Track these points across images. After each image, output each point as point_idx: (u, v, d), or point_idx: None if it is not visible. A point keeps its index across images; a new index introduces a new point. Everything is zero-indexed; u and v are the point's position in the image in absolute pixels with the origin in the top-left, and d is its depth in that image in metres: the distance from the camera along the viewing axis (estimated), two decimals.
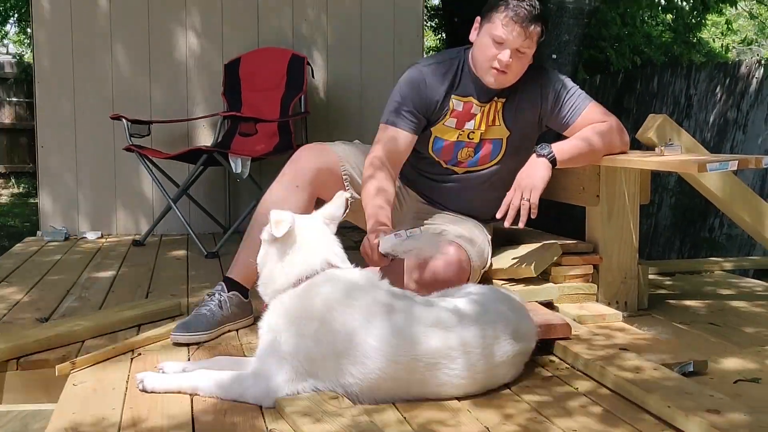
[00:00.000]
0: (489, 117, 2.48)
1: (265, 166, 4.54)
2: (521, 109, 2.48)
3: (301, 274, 1.82)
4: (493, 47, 2.33)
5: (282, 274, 1.83)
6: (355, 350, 1.71)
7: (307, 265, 1.83)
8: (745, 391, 1.87)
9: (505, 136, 2.50)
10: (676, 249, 6.25)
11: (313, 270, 1.82)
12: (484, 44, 2.36)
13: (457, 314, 1.83)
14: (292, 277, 1.82)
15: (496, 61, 2.34)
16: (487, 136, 2.50)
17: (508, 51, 2.32)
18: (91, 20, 4.52)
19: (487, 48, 2.35)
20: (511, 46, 2.32)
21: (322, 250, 1.86)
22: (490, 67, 2.36)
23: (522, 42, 2.32)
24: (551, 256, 2.56)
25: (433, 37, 11.12)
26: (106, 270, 3.43)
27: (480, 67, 2.39)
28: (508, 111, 2.48)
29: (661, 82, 6.76)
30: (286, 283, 1.82)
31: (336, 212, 1.95)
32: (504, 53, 2.32)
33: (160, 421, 1.66)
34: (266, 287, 1.87)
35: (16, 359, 2.09)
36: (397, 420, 1.67)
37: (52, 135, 4.53)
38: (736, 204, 2.72)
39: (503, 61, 2.32)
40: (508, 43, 2.31)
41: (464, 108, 2.46)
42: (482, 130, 2.48)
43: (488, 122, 2.48)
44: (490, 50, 2.34)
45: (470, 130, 2.48)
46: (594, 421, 1.67)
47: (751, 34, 13.23)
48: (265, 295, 1.88)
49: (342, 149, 2.51)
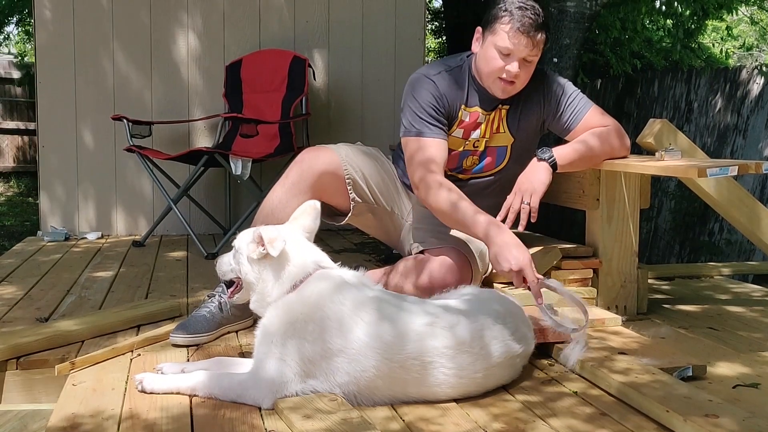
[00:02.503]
0: (493, 125, 2.47)
1: (266, 168, 4.54)
2: (525, 115, 2.48)
3: (296, 279, 1.83)
4: (500, 59, 2.31)
5: (277, 286, 1.83)
6: (350, 347, 1.72)
7: (300, 269, 1.84)
8: (743, 395, 1.87)
9: (510, 143, 2.50)
10: (676, 253, 6.25)
11: (306, 272, 1.84)
12: (490, 56, 2.33)
13: (452, 313, 1.84)
14: (287, 285, 1.83)
15: (504, 72, 2.31)
16: (491, 144, 2.49)
17: (515, 62, 2.30)
18: (92, 21, 4.52)
19: (493, 60, 2.32)
20: (518, 57, 2.30)
21: (311, 253, 1.88)
22: (497, 79, 2.34)
23: (529, 52, 2.30)
24: (551, 259, 2.56)
25: (434, 40, 11.12)
26: (105, 270, 3.43)
27: (487, 79, 2.37)
28: (512, 118, 2.47)
29: (662, 86, 6.77)
30: (281, 293, 1.83)
31: (312, 224, 1.95)
32: (512, 65, 2.30)
33: (158, 421, 1.67)
34: (261, 303, 1.86)
35: (15, 359, 2.09)
36: (388, 417, 1.70)
37: (53, 135, 4.53)
38: (735, 209, 2.72)
39: (512, 72, 2.30)
40: (515, 54, 2.29)
41: (471, 118, 2.45)
42: (487, 137, 2.47)
43: (492, 130, 2.47)
44: (497, 62, 2.31)
45: (475, 139, 2.48)
46: (588, 422, 1.67)
47: (751, 40, 13.24)
48: (260, 310, 1.86)
49: (345, 152, 2.49)
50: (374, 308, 1.79)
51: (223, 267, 1.94)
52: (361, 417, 1.63)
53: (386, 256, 3.55)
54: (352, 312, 1.76)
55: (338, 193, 2.48)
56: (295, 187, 2.39)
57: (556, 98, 2.47)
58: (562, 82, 2.51)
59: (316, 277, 1.83)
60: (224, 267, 1.93)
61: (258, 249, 1.83)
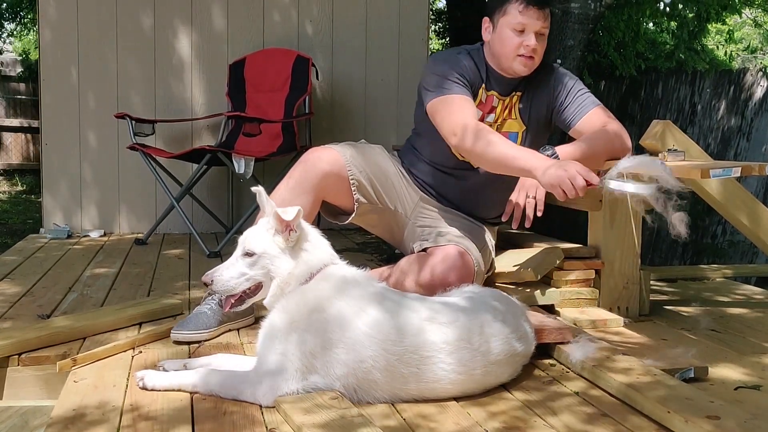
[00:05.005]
0: (506, 111, 2.51)
1: (269, 167, 4.54)
2: (536, 104, 2.52)
3: (313, 269, 1.83)
4: (516, 36, 2.38)
5: (296, 275, 1.81)
6: (348, 337, 1.73)
7: (319, 260, 1.84)
8: (745, 397, 1.87)
9: (521, 130, 2.53)
10: (679, 255, 6.25)
11: (323, 264, 1.85)
12: (506, 36, 2.40)
13: (452, 310, 1.85)
14: (306, 274, 1.82)
15: (522, 48, 2.38)
16: (504, 130, 2.52)
17: (532, 35, 2.38)
18: (96, 19, 4.52)
19: (509, 39, 2.39)
20: (533, 30, 2.37)
21: (327, 245, 1.89)
22: (516, 56, 2.40)
23: (542, 24, 2.39)
24: (553, 260, 2.56)
25: (438, 40, 11.12)
26: (108, 268, 3.44)
27: (507, 60, 2.42)
28: (524, 105, 2.52)
29: (666, 88, 6.76)
30: (298, 283, 1.82)
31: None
32: (529, 38, 2.38)
33: (160, 417, 1.67)
34: (278, 296, 1.82)
35: (17, 355, 2.10)
36: (387, 414, 1.70)
37: (56, 133, 4.54)
38: (737, 210, 2.72)
39: (530, 45, 2.38)
40: (529, 27, 2.37)
41: (487, 101, 2.50)
42: (499, 123, 2.51)
43: (504, 116, 2.51)
44: (513, 40, 2.39)
45: (489, 123, 2.50)
46: (589, 423, 1.67)
47: (755, 42, 13.20)
48: (275, 304, 1.83)
49: (351, 153, 2.48)
50: (376, 302, 1.80)
51: (230, 283, 1.81)
52: (361, 414, 1.63)
53: (388, 255, 3.55)
54: (357, 306, 1.77)
55: (342, 194, 2.48)
56: (298, 187, 2.39)
57: (565, 91, 2.51)
58: (571, 78, 2.55)
59: (328, 270, 1.84)
60: (231, 282, 1.81)
61: (290, 235, 1.81)
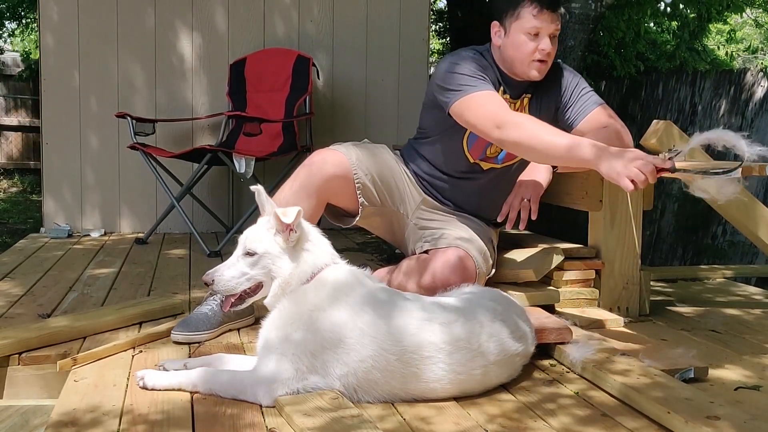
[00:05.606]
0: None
1: (269, 166, 4.54)
2: (545, 105, 2.51)
3: (314, 269, 1.83)
4: (530, 41, 2.35)
5: (296, 274, 1.81)
6: (348, 336, 1.73)
7: (319, 260, 1.84)
8: (745, 398, 1.87)
9: None
10: (679, 256, 6.25)
11: (324, 264, 1.84)
12: (520, 41, 2.37)
13: (451, 310, 1.85)
14: (307, 274, 1.82)
15: (537, 53, 2.36)
16: None
17: (546, 39, 2.36)
18: (97, 19, 4.53)
19: (523, 44, 2.36)
20: (547, 33, 2.35)
21: (328, 245, 1.89)
22: (531, 61, 2.37)
23: (555, 27, 2.37)
24: (553, 260, 2.56)
25: (438, 41, 11.12)
26: (108, 267, 3.44)
27: (521, 65, 2.40)
28: (533, 107, 2.51)
29: (666, 89, 6.76)
30: (298, 283, 1.81)
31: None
32: (544, 42, 2.35)
33: (160, 417, 1.67)
34: (280, 296, 1.82)
35: (17, 354, 2.10)
36: (387, 415, 1.70)
37: (57, 132, 4.54)
38: (737, 210, 2.72)
39: (546, 50, 2.36)
40: (543, 31, 2.35)
41: None
42: None
43: None
44: (528, 45, 2.36)
45: None
46: (589, 423, 1.67)
47: (756, 42, 13.21)
48: (275, 304, 1.83)
49: (356, 155, 2.46)
50: (376, 302, 1.80)
51: (231, 282, 1.80)
52: (360, 414, 1.63)
53: (388, 255, 3.55)
54: (357, 305, 1.77)
55: (346, 197, 2.47)
56: (302, 190, 2.37)
57: (569, 91, 2.51)
58: (576, 77, 2.55)
59: (329, 270, 1.84)
60: (232, 282, 1.81)
61: (290, 235, 1.80)
